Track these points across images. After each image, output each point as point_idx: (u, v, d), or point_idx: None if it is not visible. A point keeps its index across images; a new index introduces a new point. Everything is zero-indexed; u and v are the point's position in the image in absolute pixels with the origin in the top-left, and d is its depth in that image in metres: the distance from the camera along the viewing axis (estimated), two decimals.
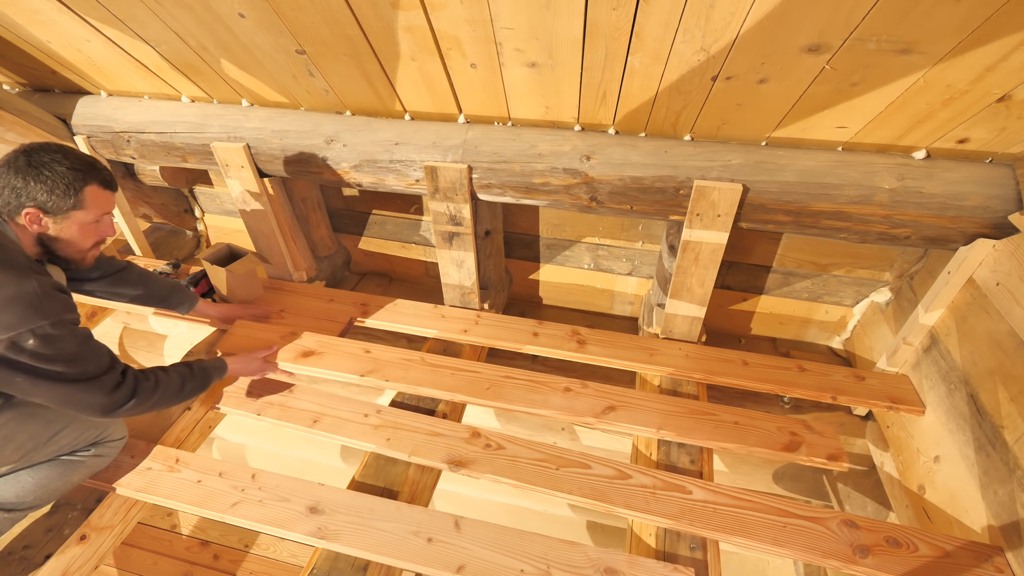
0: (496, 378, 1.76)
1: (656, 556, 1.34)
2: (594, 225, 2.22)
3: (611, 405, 1.66)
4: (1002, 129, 1.33)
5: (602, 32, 1.25)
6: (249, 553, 2.82)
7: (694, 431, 1.58)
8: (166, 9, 1.48)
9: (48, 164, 1.19)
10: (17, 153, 1.19)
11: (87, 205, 1.25)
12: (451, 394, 1.70)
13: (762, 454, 1.54)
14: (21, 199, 1.17)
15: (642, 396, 1.70)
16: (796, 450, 1.53)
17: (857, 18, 1.09)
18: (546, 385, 1.73)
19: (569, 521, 3.32)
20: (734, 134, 1.57)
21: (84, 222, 1.26)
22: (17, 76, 2.13)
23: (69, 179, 1.21)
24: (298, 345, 1.86)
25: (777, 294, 2.20)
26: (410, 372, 1.77)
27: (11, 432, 1.22)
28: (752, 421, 1.61)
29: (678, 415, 1.63)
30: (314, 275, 2.42)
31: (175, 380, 1.42)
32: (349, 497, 1.43)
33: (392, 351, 1.85)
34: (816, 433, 1.58)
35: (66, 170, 1.20)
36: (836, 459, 1.51)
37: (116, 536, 1.44)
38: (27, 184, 1.17)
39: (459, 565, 1.27)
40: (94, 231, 1.30)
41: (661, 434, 1.58)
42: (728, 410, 1.65)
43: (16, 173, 1.17)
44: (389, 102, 1.75)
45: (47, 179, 1.18)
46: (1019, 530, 1.23)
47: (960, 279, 1.53)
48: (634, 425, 1.60)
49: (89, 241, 1.31)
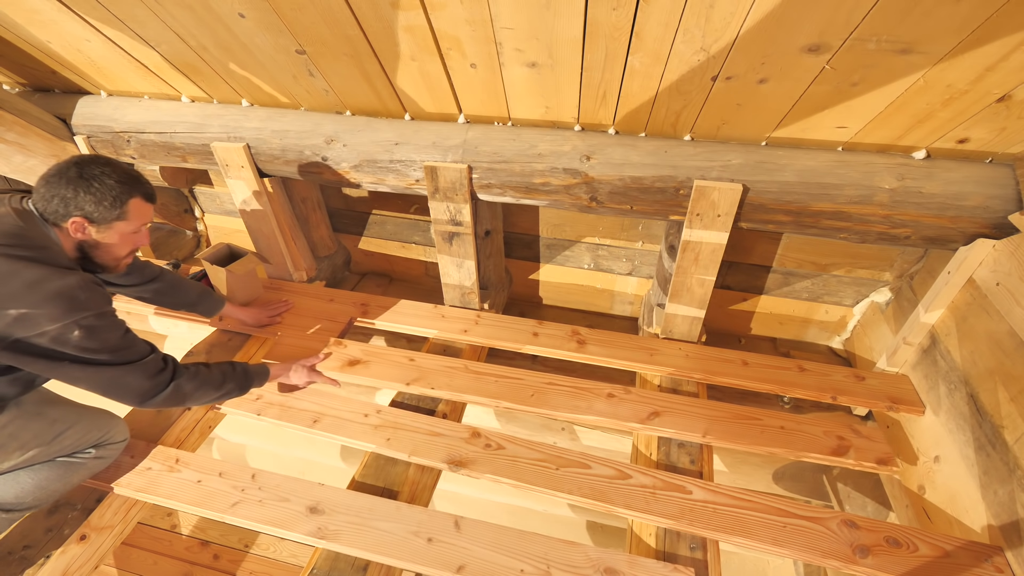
0: (539, 384, 1.75)
1: (656, 556, 1.34)
2: (594, 225, 2.22)
3: (655, 411, 1.66)
4: (1002, 129, 1.33)
5: (602, 32, 1.25)
6: (249, 553, 2.82)
7: (741, 437, 1.57)
8: (166, 9, 1.48)
9: (98, 177, 1.24)
10: (68, 164, 1.24)
11: (130, 217, 1.31)
12: (496, 401, 1.70)
13: (811, 459, 1.53)
14: (69, 208, 1.23)
15: (686, 402, 1.69)
16: (845, 454, 1.52)
17: (857, 18, 1.09)
18: (590, 391, 1.73)
19: (569, 521, 3.32)
20: (734, 134, 1.57)
21: (125, 232, 1.32)
22: (17, 76, 2.13)
23: (116, 192, 1.26)
24: (344, 354, 1.86)
25: (777, 294, 2.20)
26: (455, 380, 1.77)
27: (16, 430, 1.25)
28: (799, 426, 1.60)
29: (723, 420, 1.62)
30: (314, 275, 2.41)
31: (216, 376, 1.48)
32: (349, 497, 1.43)
33: (435, 359, 1.86)
34: (864, 437, 1.57)
35: (114, 183, 1.26)
36: (886, 463, 1.50)
37: (116, 536, 1.44)
38: (77, 195, 1.22)
39: (459, 565, 1.27)
40: (131, 240, 1.36)
41: (707, 439, 1.57)
42: (773, 415, 1.64)
43: (67, 184, 1.22)
44: (389, 102, 1.75)
45: (96, 191, 1.24)
46: (1019, 530, 1.23)
47: (960, 279, 1.53)
48: (679, 431, 1.59)
49: (125, 250, 1.36)
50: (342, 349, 1.88)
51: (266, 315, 2.02)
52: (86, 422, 1.39)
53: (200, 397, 1.44)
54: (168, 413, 1.70)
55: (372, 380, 1.79)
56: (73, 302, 1.14)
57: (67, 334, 1.13)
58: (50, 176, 1.23)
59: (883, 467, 1.50)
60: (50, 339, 1.12)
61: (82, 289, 1.16)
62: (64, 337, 1.13)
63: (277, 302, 2.10)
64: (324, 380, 1.77)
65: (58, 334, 1.12)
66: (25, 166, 2.03)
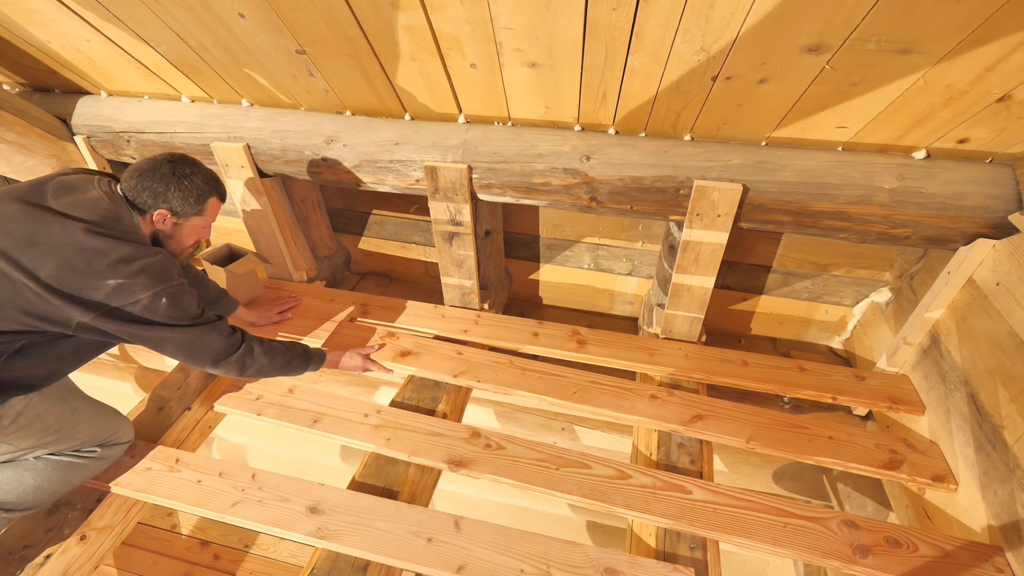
0: (582, 383, 1.76)
1: (656, 556, 1.34)
2: (594, 225, 2.22)
3: (699, 414, 1.65)
4: (1002, 129, 1.33)
5: (602, 32, 1.25)
6: (249, 553, 2.82)
7: (788, 445, 1.55)
8: (166, 9, 1.48)
9: (188, 176, 1.39)
10: (162, 161, 1.38)
11: (206, 213, 1.46)
12: (540, 397, 1.71)
13: (861, 472, 1.51)
14: (158, 201, 1.36)
15: (730, 406, 1.68)
16: (897, 468, 1.49)
17: (857, 18, 1.09)
18: (633, 392, 1.73)
19: (569, 521, 3.32)
20: (734, 134, 1.57)
21: (197, 226, 1.46)
22: (17, 76, 2.13)
23: (202, 191, 1.41)
24: (396, 345, 1.92)
25: (777, 294, 2.20)
26: (500, 374, 1.80)
27: (43, 412, 1.30)
28: (848, 437, 1.58)
29: (768, 427, 1.61)
30: (314, 275, 2.41)
31: (280, 349, 1.57)
32: (349, 497, 1.43)
33: (482, 353, 1.89)
34: (920, 452, 1.53)
35: (200, 183, 1.41)
36: (942, 480, 1.46)
37: (116, 536, 1.44)
38: (167, 190, 1.36)
39: (459, 565, 1.27)
40: (200, 233, 1.49)
41: (751, 446, 1.56)
42: (820, 423, 1.62)
43: (160, 180, 1.36)
44: (389, 102, 1.75)
45: (185, 188, 1.38)
46: (1019, 530, 1.23)
47: (960, 279, 1.53)
48: (723, 435, 1.59)
49: (192, 241, 1.48)
50: (395, 341, 1.93)
51: (275, 312, 2.02)
52: (101, 418, 1.45)
53: (267, 365, 1.52)
54: (168, 412, 1.70)
55: (421, 371, 1.83)
56: (161, 274, 1.28)
57: (156, 302, 1.26)
58: (143, 170, 1.36)
59: (940, 484, 1.45)
60: (142, 307, 1.25)
61: (166, 264, 1.31)
62: (154, 305, 1.26)
63: (286, 297, 2.10)
64: (378, 368, 1.82)
65: (149, 302, 1.25)
66: (25, 166, 2.03)
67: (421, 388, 1.82)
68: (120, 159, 2.17)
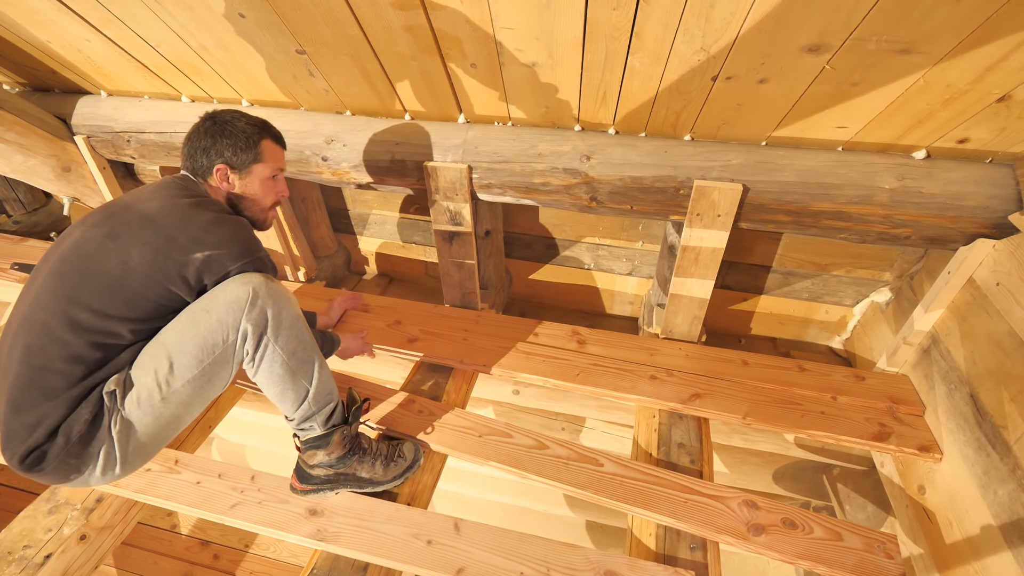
0: (586, 365, 1.81)
1: (656, 558, 1.34)
2: (594, 225, 2.22)
3: (696, 393, 1.71)
4: (1002, 129, 1.33)
5: (602, 32, 1.25)
6: (249, 553, 2.82)
7: (781, 420, 1.61)
8: (166, 9, 1.48)
9: (230, 122, 1.33)
10: (203, 119, 1.34)
11: (265, 158, 1.37)
12: (544, 379, 1.76)
13: (851, 443, 1.57)
14: (211, 157, 1.31)
15: (727, 385, 1.74)
16: (886, 440, 1.55)
17: (857, 18, 1.09)
18: (633, 373, 1.78)
19: (569, 521, 3.32)
20: (734, 134, 1.57)
21: (264, 176, 1.37)
22: (17, 76, 2.13)
23: (248, 133, 1.34)
24: (404, 331, 1.97)
25: (777, 294, 2.20)
26: (504, 358, 1.85)
27: None
28: (840, 411, 1.64)
29: (763, 404, 1.67)
30: (314, 275, 2.41)
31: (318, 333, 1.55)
32: (348, 499, 1.43)
33: (488, 338, 1.95)
34: (906, 425, 1.59)
35: (245, 125, 1.34)
36: (928, 450, 1.52)
37: (116, 536, 1.44)
38: (216, 142, 1.31)
39: (459, 568, 1.27)
40: (272, 188, 1.41)
41: (747, 421, 1.61)
42: (814, 399, 1.68)
43: (205, 134, 1.31)
44: (389, 102, 1.75)
45: (231, 134, 1.32)
46: (1019, 530, 1.23)
47: (960, 279, 1.52)
48: (720, 412, 1.64)
49: (269, 199, 1.41)
50: (402, 327, 1.98)
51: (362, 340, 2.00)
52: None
53: None
54: None
55: (427, 357, 1.87)
56: (247, 241, 1.24)
57: (247, 270, 1.21)
58: (190, 135, 1.33)
59: (925, 454, 1.52)
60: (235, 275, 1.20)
61: (248, 228, 1.28)
62: None
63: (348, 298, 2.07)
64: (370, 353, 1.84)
65: (241, 269, 1.20)
66: (25, 166, 2.03)
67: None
68: (120, 159, 2.17)
